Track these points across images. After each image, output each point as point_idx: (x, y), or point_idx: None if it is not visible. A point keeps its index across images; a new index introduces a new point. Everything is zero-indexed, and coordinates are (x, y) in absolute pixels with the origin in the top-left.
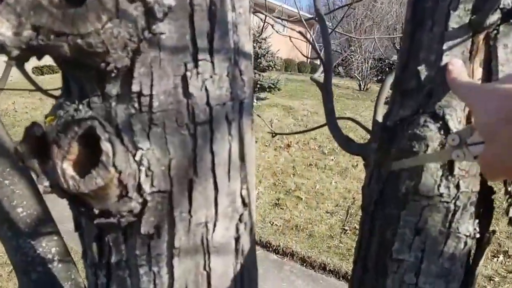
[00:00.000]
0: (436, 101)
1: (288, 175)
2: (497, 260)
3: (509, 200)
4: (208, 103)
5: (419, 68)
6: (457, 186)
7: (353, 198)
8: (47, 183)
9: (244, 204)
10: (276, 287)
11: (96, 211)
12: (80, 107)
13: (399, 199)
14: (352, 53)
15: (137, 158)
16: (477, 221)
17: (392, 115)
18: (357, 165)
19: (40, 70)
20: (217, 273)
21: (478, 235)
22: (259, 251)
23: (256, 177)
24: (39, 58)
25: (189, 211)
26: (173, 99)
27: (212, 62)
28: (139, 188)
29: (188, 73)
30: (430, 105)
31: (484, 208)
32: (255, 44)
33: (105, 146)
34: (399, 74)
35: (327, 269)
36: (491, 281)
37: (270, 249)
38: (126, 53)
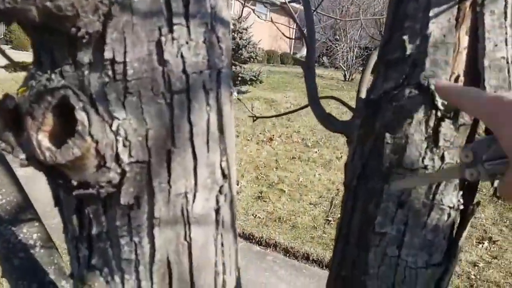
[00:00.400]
0: (421, 71)
1: (271, 168)
2: (482, 246)
3: None
4: (184, 71)
5: (404, 37)
6: (442, 158)
7: (337, 189)
8: (23, 156)
9: (224, 176)
10: (259, 277)
11: (75, 183)
12: (53, 76)
13: (382, 173)
14: (337, 42)
15: (114, 128)
16: (461, 193)
17: (376, 88)
18: (341, 157)
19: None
20: (198, 243)
21: (462, 207)
22: (242, 243)
23: (238, 171)
24: (8, 23)
25: (168, 182)
26: (147, 66)
27: (188, 27)
28: (117, 158)
29: (163, 39)
30: (415, 76)
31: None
32: (235, 35)
33: (80, 115)
34: (383, 46)
35: (310, 258)
36: (476, 267)
37: (253, 241)
38: (97, 17)
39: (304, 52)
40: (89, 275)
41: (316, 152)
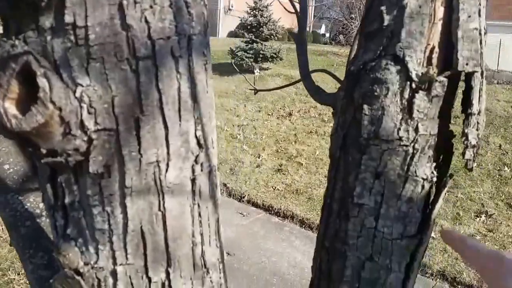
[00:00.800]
0: (397, 42)
1: (290, 142)
2: (479, 219)
3: (466, 142)
4: (149, 37)
5: (382, 8)
6: (416, 129)
7: None
8: None
9: (200, 145)
10: (276, 247)
11: (43, 151)
12: (17, 42)
13: (360, 144)
14: (352, 20)
15: (78, 94)
16: (434, 164)
17: (357, 60)
18: None
19: None
20: (173, 213)
21: (435, 179)
22: (262, 214)
23: (260, 145)
24: None
25: (139, 150)
26: (110, 31)
27: None
28: (82, 126)
29: (125, 2)
30: (391, 47)
31: (443, 152)
32: (256, 12)
33: (41, 81)
34: (364, 18)
35: None
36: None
37: (272, 212)
38: None
39: (322, 30)
40: (64, 245)
41: (331, 126)
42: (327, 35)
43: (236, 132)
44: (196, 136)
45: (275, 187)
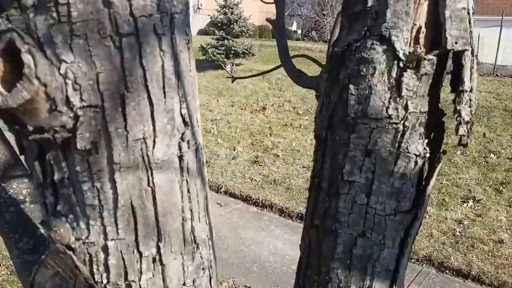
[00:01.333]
0: (382, 23)
1: (265, 135)
2: (467, 205)
3: (459, 119)
4: (131, 14)
5: None
6: (406, 107)
7: None
8: None
9: (185, 123)
10: (256, 235)
11: (30, 128)
12: (0, 20)
13: (348, 123)
14: (324, 17)
15: (62, 71)
16: (426, 141)
17: (340, 41)
18: None
19: None
20: (163, 189)
21: (428, 155)
22: (240, 205)
23: (234, 138)
24: None
25: (125, 127)
26: (92, 8)
27: None
28: (68, 102)
29: None
30: (377, 27)
31: (435, 129)
32: (227, 10)
33: (26, 58)
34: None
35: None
36: (461, 224)
37: (250, 202)
38: None
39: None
40: (55, 221)
41: (307, 119)
42: (299, 31)
43: (210, 126)
44: (181, 114)
45: (252, 178)
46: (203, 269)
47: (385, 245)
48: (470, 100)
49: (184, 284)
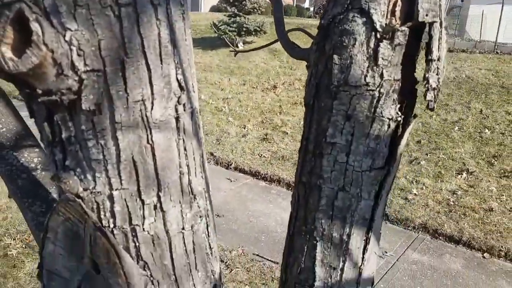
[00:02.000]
0: None
1: (275, 113)
2: (461, 176)
3: (427, 85)
4: None
5: None
6: (381, 75)
7: None
8: None
9: (181, 88)
10: (264, 208)
11: (39, 91)
12: None
13: (331, 91)
14: None
15: (67, 38)
16: (398, 106)
17: (327, 14)
18: None
19: None
20: (161, 147)
21: (400, 119)
22: (249, 179)
23: (245, 116)
24: None
25: (125, 90)
26: None
27: None
28: (73, 66)
29: None
30: (358, 0)
31: (408, 96)
32: None
33: (34, 26)
34: None
35: None
36: (454, 195)
37: (259, 177)
38: None
39: (306, 4)
40: (64, 174)
41: None
42: (311, 9)
43: (221, 105)
44: (177, 79)
45: (262, 155)
46: (200, 216)
47: (362, 197)
48: (438, 68)
49: (183, 229)
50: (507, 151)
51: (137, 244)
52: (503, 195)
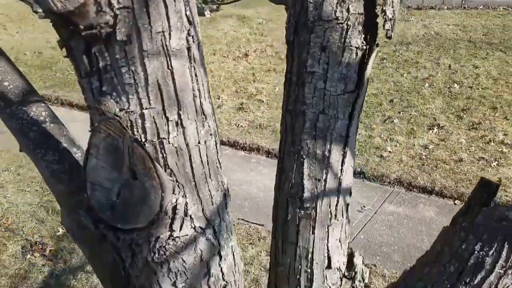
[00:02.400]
0: None
1: (249, 81)
2: (432, 131)
3: (384, 17)
4: None
5: None
6: (348, 10)
7: None
8: (40, 10)
9: (190, 22)
10: (245, 176)
11: (82, 26)
12: None
13: (308, 26)
14: None
15: None
16: (363, 36)
17: None
18: None
19: None
20: (178, 71)
21: (365, 47)
22: (228, 150)
23: (218, 87)
24: None
25: (149, 23)
26: None
27: None
28: (110, 4)
29: None
30: None
31: (370, 28)
32: None
33: None
34: None
35: None
36: (426, 149)
37: (238, 147)
38: None
39: None
40: (103, 98)
41: None
42: None
43: None
44: (186, 15)
45: (239, 124)
46: (210, 134)
47: (338, 118)
48: (393, 1)
49: (199, 143)
50: (475, 104)
51: (164, 155)
52: (471, 146)
